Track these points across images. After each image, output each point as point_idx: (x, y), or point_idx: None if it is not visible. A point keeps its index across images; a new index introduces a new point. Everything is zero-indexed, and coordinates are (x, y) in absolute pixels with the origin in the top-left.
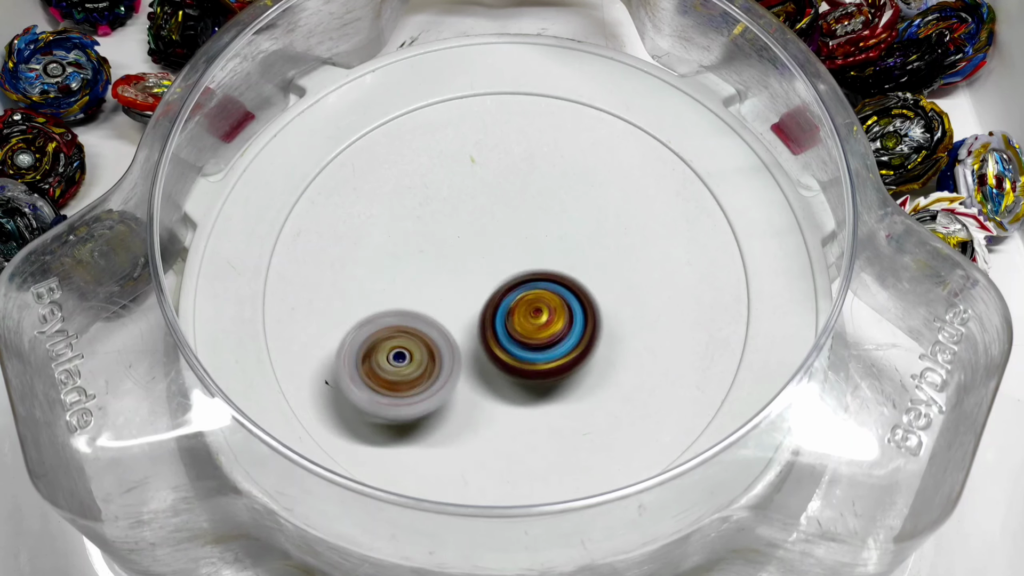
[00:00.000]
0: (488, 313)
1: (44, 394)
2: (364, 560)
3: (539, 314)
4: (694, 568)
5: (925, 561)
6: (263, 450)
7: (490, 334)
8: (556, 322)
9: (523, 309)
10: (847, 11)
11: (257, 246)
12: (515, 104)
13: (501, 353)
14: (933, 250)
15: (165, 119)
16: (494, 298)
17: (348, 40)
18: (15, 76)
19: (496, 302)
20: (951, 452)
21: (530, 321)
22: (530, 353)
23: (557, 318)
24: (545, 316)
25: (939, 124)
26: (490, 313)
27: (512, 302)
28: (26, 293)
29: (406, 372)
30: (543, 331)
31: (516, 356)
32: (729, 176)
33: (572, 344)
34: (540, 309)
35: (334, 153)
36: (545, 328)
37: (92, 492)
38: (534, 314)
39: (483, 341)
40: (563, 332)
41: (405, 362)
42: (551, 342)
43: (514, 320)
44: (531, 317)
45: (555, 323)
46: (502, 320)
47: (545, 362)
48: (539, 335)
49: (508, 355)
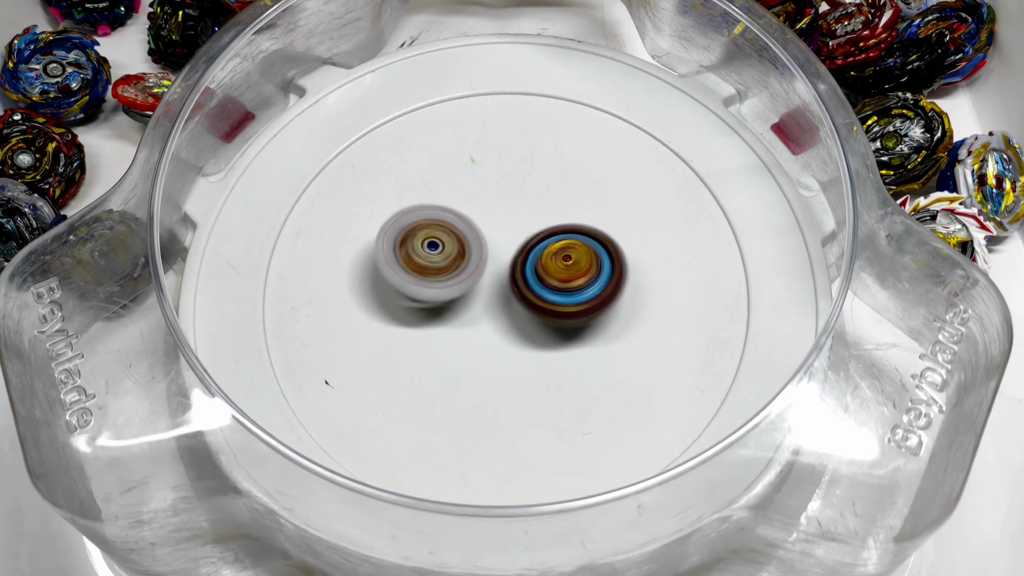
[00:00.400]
0: (520, 258)
1: (44, 394)
2: (364, 560)
3: (568, 260)
4: (694, 568)
5: (925, 561)
6: (263, 450)
7: (520, 276)
8: (585, 268)
9: (553, 255)
10: (847, 11)
11: (257, 246)
12: (515, 104)
13: (530, 295)
14: (933, 250)
15: (165, 119)
16: (527, 244)
17: (348, 40)
18: (15, 76)
19: (529, 248)
20: (951, 452)
21: (560, 264)
22: (558, 296)
23: (586, 264)
24: (574, 261)
25: (939, 124)
26: (521, 258)
27: (544, 249)
28: (26, 293)
29: (436, 260)
30: (572, 276)
31: (544, 298)
32: (729, 176)
33: (598, 290)
34: (570, 256)
35: (334, 153)
36: (574, 273)
37: (92, 492)
38: (564, 259)
39: (513, 284)
40: (591, 278)
41: (437, 251)
42: (580, 287)
43: (545, 263)
44: (561, 262)
45: (584, 269)
46: (532, 264)
47: (573, 305)
48: (568, 279)
49: (537, 297)
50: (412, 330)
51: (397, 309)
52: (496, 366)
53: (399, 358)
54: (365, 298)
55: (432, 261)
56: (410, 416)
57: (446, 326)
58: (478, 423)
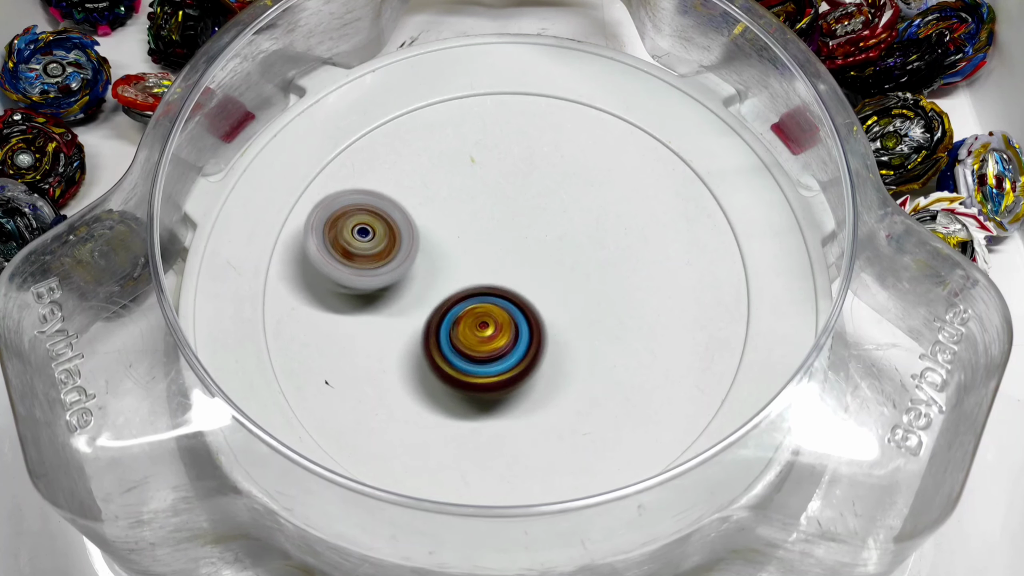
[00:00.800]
0: (433, 323)
1: (44, 394)
2: (364, 560)
3: (485, 327)
4: (694, 568)
5: (925, 561)
6: (263, 450)
7: (434, 344)
8: (501, 337)
9: (469, 321)
10: (847, 11)
11: (257, 246)
12: (515, 104)
13: (443, 364)
14: (933, 250)
15: (165, 119)
16: (440, 308)
17: (348, 40)
18: (15, 76)
19: (443, 313)
20: (951, 452)
21: (475, 334)
22: (472, 366)
23: (502, 333)
24: (491, 330)
25: (939, 124)
26: (435, 323)
27: (459, 313)
28: (26, 293)
29: (367, 247)
30: (487, 344)
31: (458, 368)
32: (729, 176)
33: (515, 361)
34: (486, 323)
35: (334, 153)
36: (489, 342)
37: (92, 492)
38: (480, 327)
39: (426, 351)
40: (507, 347)
41: (368, 237)
42: (494, 356)
43: (459, 332)
44: (477, 330)
45: (500, 338)
46: (447, 331)
47: (485, 376)
48: (483, 348)
49: (450, 366)
50: (412, 330)
51: (397, 309)
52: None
53: (399, 358)
54: (365, 298)
55: (364, 249)
56: (410, 416)
57: None
58: (478, 423)
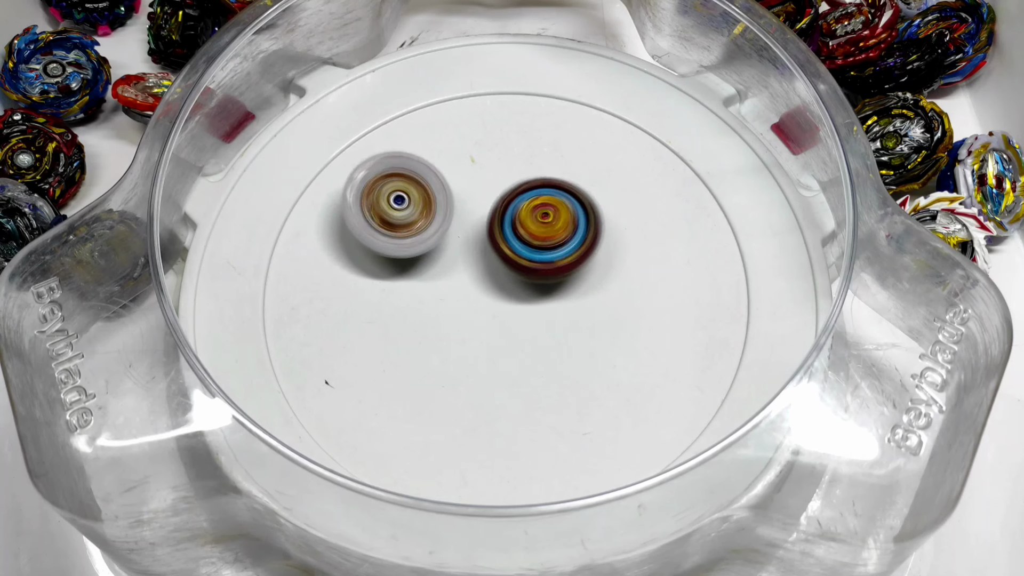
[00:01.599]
0: (497, 214)
1: (44, 393)
2: (364, 560)
3: (546, 217)
4: (694, 568)
5: (925, 561)
6: (263, 450)
7: (498, 233)
8: (561, 224)
9: (531, 211)
10: (847, 11)
11: (257, 246)
12: (515, 104)
13: (508, 251)
14: (933, 250)
15: (165, 119)
16: (503, 199)
17: (348, 40)
18: (15, 76)
19: (505, 203)
20: (951, 452)
21: (538, 223)
22: (536, 253)
23: (563, 221)
24: (552, 218)
25: (939, 124)
26: (499, 214)
27: (521, 205)
28: (26, 293)
29: (404, 215)
30: (549, 232)
31: (522, 255)
32: (729, 176)
33: (575, 246)
34: (547, 213)
35: (334, 153)
36: (551, 229)
37: (92, 492)
38: (542, 217)
39: (491, 239)
40: (568, 235)
41: (404, 205)
42: (557, 243)
43: (522, 219)
44: (539, 220)
45: (560, 225)
46: (510, 221)
47: (549, 261)
48: (546, 236)
49: (514, 253)
50: (413, 330)
51: (397, 308)
52: (497, 367)
53: (399, 358)
54: (365, 298)
55: (400, 218)
56: (410, 416)
57: (446, 326)
58: (478, 423)
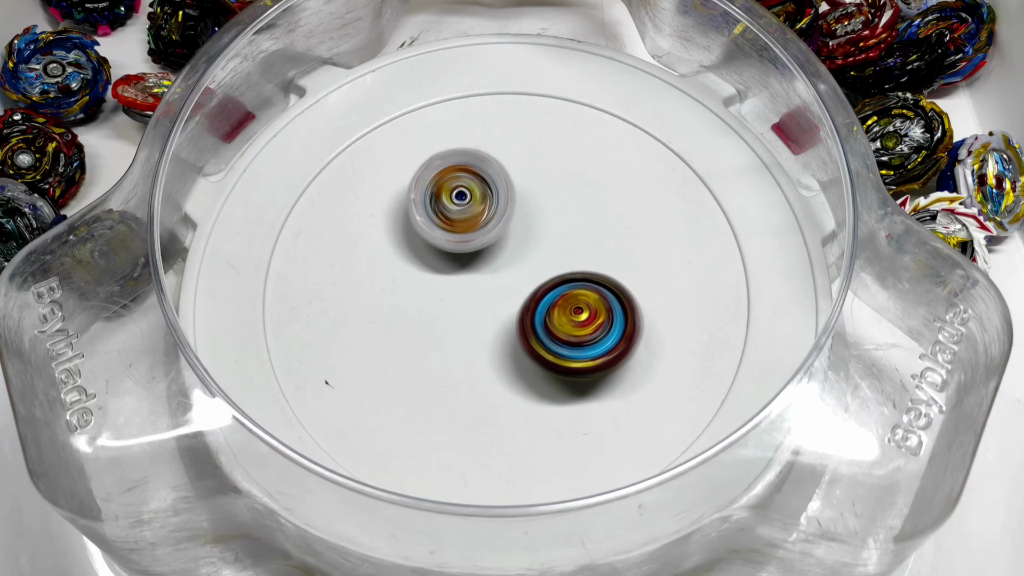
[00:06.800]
0: (528, 311)
1: (44, 393)
2: (364, 560)
3: (579, 312)
4: (694, 568)
5: (925, 561)
6: (263, 450)
7: (530, 331)
8: (596, 320)
9: (563, 307)
10: (847, 11)
11: (257, 246)
12: (515, 104)
13: (540, 350)
14: (933, 250)
15: (165, 119)
16: (535, 295)
17: (348, 40)
18: (15, 76)
19: (537, 300)
20: (951, 452)
21: (570, 319)
22: (568, 350)
23: (597, 317)
24: (586, 315)
25: (939, 124)
26: (530, 311)
27: (553, 301)
28: (26, 293)
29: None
30: (582, 329)
31: (555, 353)
32: (729, 176)
33: (612, 343)
34: (580, 308)
35: (334, 153)
36: (584, 326)
37: (92, 491)
38: (574, 312)
39: (523, 338)
40: (603, 332)
41: (466, 201)
42: (589, 340)
43: (554, 318)
44: (571, 315)
45: (594, 321)
46: (541, 318)
47: (582, 360)
48: (578, 333)
49: (547, 351)
50: (413, 330)
51: (397, 309)
52: (497, 367)
53: (399, 358)
54: (365, 298)
55: (462, 214)
56: (410, 416)
57: (447, 325)
58: (478, 423)
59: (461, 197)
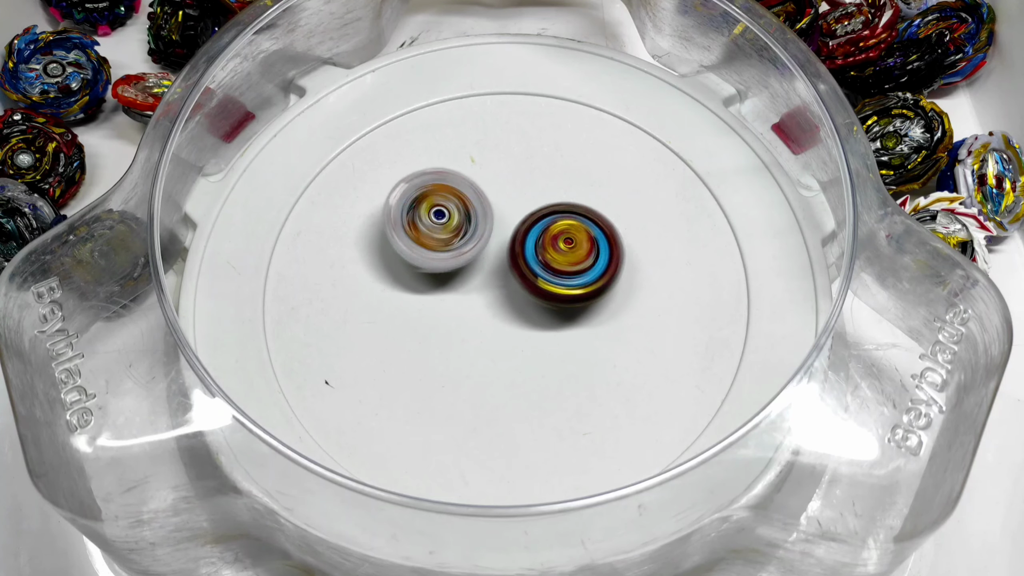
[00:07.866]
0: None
1: (44, 393)
2: (364, 560)
3: (570, 243)
4: (694, 568)
5: (925, 561)
6: (263, 450)
7: (521, 260)
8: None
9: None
10: (847, 11)
11: (257, 246)
12: (515, 104)
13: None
14: (933, 250)
15: (165, 119)
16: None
17: (348, 40)
18: (15, 76)
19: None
20: (951, 452)
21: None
22: (558, 279)
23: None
24: (574, 246)
25: (939, 124)
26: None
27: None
28: (26, 293)
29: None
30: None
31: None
32: (729, 176)
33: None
34: (571, 239)
35: (334, 153)
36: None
37: (92, 492)
38: (565, 243)
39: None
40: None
41: (444, 219)
42: (579, 270)
43: (545, 247)
44: (563, 245)
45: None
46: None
47: (571, 288)
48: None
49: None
50: (413, 330)
51: (397, 308)
52: (496, 367)
53: (399, 358)
54: (365, 298)
55: (438, 234)
56: (410, 416)
57: (446, 325)
58: (478, 423)
59: (440, 216)
